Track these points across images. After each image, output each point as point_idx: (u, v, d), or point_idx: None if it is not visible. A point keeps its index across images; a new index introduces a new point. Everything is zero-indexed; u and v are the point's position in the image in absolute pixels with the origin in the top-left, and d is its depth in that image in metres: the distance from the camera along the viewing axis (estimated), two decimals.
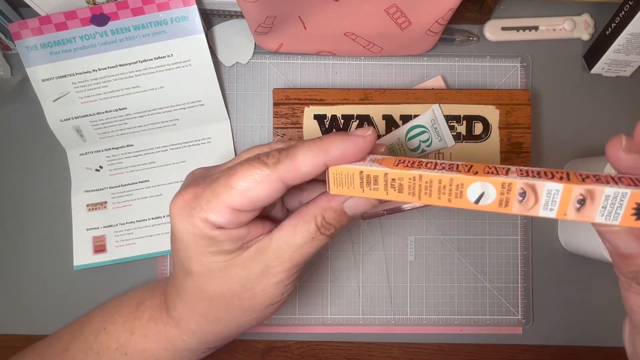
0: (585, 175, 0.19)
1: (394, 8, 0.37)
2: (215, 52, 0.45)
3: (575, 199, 0.19)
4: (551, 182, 0.19)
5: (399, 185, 0.22)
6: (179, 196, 0.26)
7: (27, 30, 0.41)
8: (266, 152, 0.26)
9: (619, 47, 0.42)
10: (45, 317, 0.44)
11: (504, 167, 0.21)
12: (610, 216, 0.18)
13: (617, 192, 0.18)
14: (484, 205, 0.20)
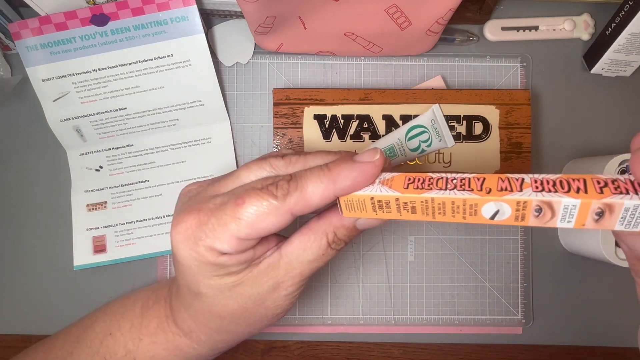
0: (603, 183, 0.18)
1: (394, 8, 0.37)
2: (215, 52, 0.45)
3: (594, 212, 0.18)
4: (568, 198, 0.18)
5: (411, 207, 0.22)
6: (180, 223, 0.26)
7: (27, 30, 0.41)
8: (274, 181, 0.25)
9: (619, 47, 0.42)
10: (45, 317, 0.44)
11: (518, 177, 0.20)
12: (630, 225, 0.18)
13: (637, 205, 0.17)
14: (500, 221, 0.20)
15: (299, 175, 0.25)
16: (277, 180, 0.25)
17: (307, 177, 0.25)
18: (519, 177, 0.20)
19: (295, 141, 0.42)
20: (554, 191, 0.19)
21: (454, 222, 0.21)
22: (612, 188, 0.18)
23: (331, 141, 0.42)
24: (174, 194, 0.44)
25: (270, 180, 0.25)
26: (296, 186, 0.24)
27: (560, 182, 0.19)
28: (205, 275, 0.26)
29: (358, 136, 0.42)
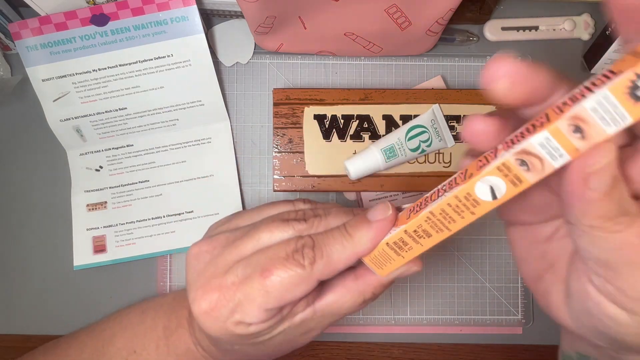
0: (561, 104, 0.17)
1: (394, 8, 0.37)
2: (215, 52, 0.45)
3: (571, 132, 0.16)
4: (536, 135, 0.17)
5: (423, 232, 0.22)
6: (202, 300, 0.26)
7: (27, 30, 0.41)
8: (297, 248, 0.25)
9: (619, 47, 0.42)
10: (45, 317, 0.44)
11: (492, 149, 0.19)
12: (617, 119, 0.16)
13: (599, 99, 0.15)
14: (505, 195, 0.19)
15: (323, 241, 0.26)
16: (301, 247, 0.25)
17: (330, 243, 0.25)
18: (492, 149, 0.19)
19: (295, 141, 0.42)
20: (522, 139, 0.17)
21: (471, 223, 0.21)
22: (570, 102, 0.17)
23: (331, 141, 0.42)
24: (174, 194, 0.44)
25: (292, 245, 0.25)
26: (321, 253, 0.25)
27: (526, 129, 0.18)
28: (234, 340, 0.27)
29: (358, 136, 0.42)
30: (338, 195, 0.45)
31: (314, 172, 0.42)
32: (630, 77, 0.15)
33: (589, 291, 0.20)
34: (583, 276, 0.20)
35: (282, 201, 0.31)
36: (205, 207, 0.44)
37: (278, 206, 0.30)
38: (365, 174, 0.40)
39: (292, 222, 0.27)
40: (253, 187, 0.45)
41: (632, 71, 0.14)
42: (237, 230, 0.28)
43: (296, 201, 0.31)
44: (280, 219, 0.28)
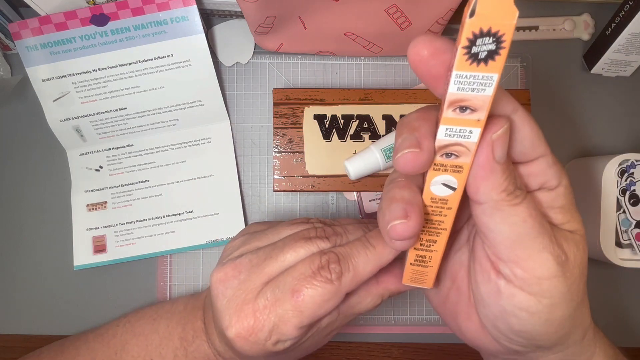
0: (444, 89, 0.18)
1: (394, 8, 0.37)
2: (215, 52, 0.45)
3: (460, 113, 0.18)
4: (438, 133, 0.19)
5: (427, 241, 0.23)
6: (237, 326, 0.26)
7: (27, 30, 0.41)
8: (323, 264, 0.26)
9: (619, 47, 0.42)
10: (45, 317, 0.44)
11: None
12: (484, 82, 0.17)
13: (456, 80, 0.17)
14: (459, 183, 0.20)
15: (347, 254, 0.26)
16: (326, 263, 0.26)
17: (355, 256, 0.26)
18: None
19: (295, 141, 0.42)
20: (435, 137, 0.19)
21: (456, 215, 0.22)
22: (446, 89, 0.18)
23: (331, 141, 0.42)
24: (174, 194, 0.44)
25: (317, 261, 0.26)
26: (348, 266, 0.26)
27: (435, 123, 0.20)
28: (272, 356, 0.28)
29: (358, 136, 0.42)
30: (338, 195, 0.45)
31: (314, 172, 0.42)
32: (461, 50, 0.16)
33: (499, 287, 0.22)
34: (491, 273, 0.22)
35: (298, 220, 0.31)
36: (205, 207, 0.44)
37: (295, 225, 0.30)
38: (365, 174, 0.40)
39: (315, 239, 0.28)
40: (253, 187, 0.45)
41: (459, 45, 0.16)
42: (259, 251, 0.28)
43: (311, 219, 0.31)
44: (303, 237, 0.28)
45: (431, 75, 0.19)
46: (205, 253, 0.45)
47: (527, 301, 0.21)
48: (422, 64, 0.19)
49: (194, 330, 0.35)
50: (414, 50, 0.18)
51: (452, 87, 0.17)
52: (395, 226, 0.21)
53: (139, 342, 0.36)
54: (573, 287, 0.21)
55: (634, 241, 0.39)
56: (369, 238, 0.27)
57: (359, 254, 0.26)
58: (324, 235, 0.28)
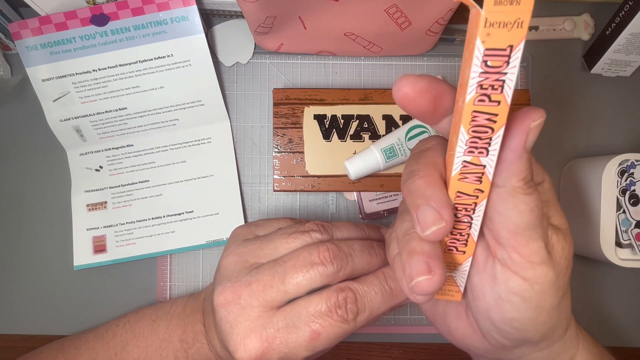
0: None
1: (394, 8, 0.37)
2: (215, 52, 0.45)
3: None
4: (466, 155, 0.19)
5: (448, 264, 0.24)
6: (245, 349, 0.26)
7: (27, 30, 0.41)
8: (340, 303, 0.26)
9: (619, 47, 0.42)
10: (45, 317, 0.44)
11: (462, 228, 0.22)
12: None
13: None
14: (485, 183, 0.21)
15: (364, 295, 0.27)
16: (343, 302, 0.26)
17: (372, 297, 0.27)
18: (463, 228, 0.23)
19: (295, 141, 0.42)
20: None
21: None
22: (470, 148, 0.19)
23: (331, 141, 0.42)
24: (174, 194, 0.44)
25: (333, 299, 0.26)
26: (364, 307, 0.26)
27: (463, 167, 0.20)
28: None
29: (358, 136, 0.42)
30: (338, 195, 0.45)
31: (314, 172, 0.42)
32: None
33: (495, 272, 0.23)
34: (487, 261, 0.23)
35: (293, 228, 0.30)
36: (205, 207, 0.44)
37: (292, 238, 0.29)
38: (365, 174, 0.40)
39: (317, 266, 0.27)
40: (253, 187, 0.45)
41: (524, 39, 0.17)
42: (259, 273, 0.28)
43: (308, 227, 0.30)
44: (306, 262, 0.27)
45: (419, 112, 0.20)
46: (205, 253, 0.45)
47: (520, 285, 0.22)
48: (410, 103, 0.20)
49: (194, 333, 0.35)
50: (400, 94, 0.20)
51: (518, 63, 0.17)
52: (419, 283, 0.21)
53: (139, 343, 0.36)
54: (560, 276, 0.23)
55: (634, 241, 0.39)
56: (387, 278, 0.27)
57: (375, 294, 0.26)
58: (329, 258, 0.27)
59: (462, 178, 0.20)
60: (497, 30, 0.16)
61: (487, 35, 0.16)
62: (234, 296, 0.27)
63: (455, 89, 0.21)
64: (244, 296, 0.27)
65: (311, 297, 0.26)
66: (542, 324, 0.24)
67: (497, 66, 0.17)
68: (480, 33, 0.16)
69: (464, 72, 0.18)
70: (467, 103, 0.18)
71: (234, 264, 0.29)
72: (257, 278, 0.27)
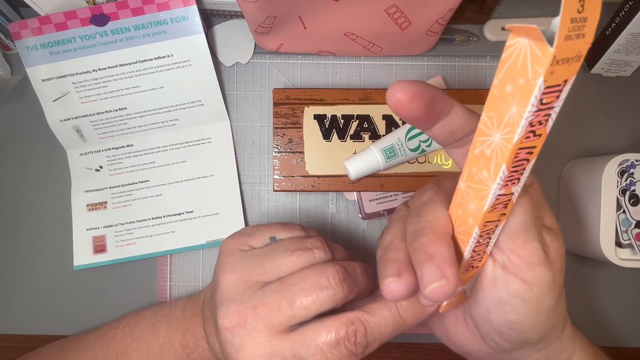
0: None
1: (394, 8, 0.37)
2: (215, 52, 0.45)
3: None
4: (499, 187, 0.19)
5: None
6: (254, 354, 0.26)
7: (27, 30, 0.41)
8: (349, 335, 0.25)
9: (619, 47, 0.42)
10: (45, 317, 0.44)
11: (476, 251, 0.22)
12: None
13: None
14: None
15: (375, 325, 0.26)
16: (353, 335, 0.25)
17: (383, 331, 0.26)
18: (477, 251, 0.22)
19: (295, 141, 0.42)
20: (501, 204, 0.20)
21: None
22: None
23: (331, 141, 0.42)
24: (174, 194, 0.44)
25: (343, 330, 0.25)
26: (374, 340, 0.26)
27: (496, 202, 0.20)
28: None
29: (358, 136, 0.42)
30: (338, 195, 0.45)
31: (314, 172, 0.42)
32: None
33: (496, 276, 0.23)
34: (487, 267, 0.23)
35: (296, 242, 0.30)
36: (205, 207, 0.44)
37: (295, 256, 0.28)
38: (365, 174, 0.40)
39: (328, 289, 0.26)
40: (253, 187, 0.45)
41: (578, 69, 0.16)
42: (264, 295, 0.27)
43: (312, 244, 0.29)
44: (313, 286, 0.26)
45: (412, 116, 0.21)
46: (205, 253, 0.45)
47: (520, 288, 0.22)
48: (404, 108, 0.20)
49: (195, 337, 0.34)
50: (394, 100, 0.20)
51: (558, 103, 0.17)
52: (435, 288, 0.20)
53: (140, 347, 0.36)
54: (556, 277, 0.23)
55: (634, 241, 0.39)
56: (399, 311, 0.26)
57: (387, 326, 0.26)
58: (338, 281, 0.27)
59: (492, 210, 0.20)
60: (559, 67, 0.15)
61: (550, 74, 0.15)
62: (239, 320, 0.26)
63: (446, 94, 0.22)
64: (250, 320, 0.26)
65: (320, 327, 0.25)
66: (541, 325, 0.24)
67: (549, 102, 0.16)
68: (545, 72, 0.15)
69: (500, 105, 0.17)
70: (514, 143, 0.17)
71: (236, 282, 0.28)
72: (263, 301, 0.26)
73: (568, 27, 0.14)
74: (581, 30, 0.14)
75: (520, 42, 0.15)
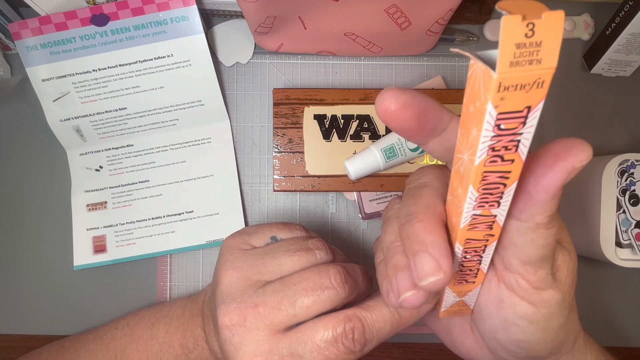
0: None
1: (394, 8, 0.37)
2: (215, 52, 0.45)
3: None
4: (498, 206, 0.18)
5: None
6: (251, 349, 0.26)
7: (27, 30, 0.41)
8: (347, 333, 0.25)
9: (619, 47, 0.42)
10: (45, 317, 0.44)
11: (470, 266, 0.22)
12: None
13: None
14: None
15: (373, 322, 0.26)
16: (351, 332, 0.25)
17: (381, 328, 0.26)
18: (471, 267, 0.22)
19: (295, 141, 0.42)
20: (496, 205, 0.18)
21: None
22: None
23: (331, 141, 0.42)
24: (174, 194, 0.44)
25: (340, 327, 0.25)
26: (372, 337, 0.26)
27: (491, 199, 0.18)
28: None
29: (358, 136, 0.42)
30: (338, 195, 0.45)
31: (314, 172, 0.42)
32: None
33: (502, 296, 0.22)
34: (492, 284, 0.22)
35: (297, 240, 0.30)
36: (205, 207, 0.44)
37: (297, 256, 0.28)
38: (365, 174, 0.40)
39: (329, 289, 0.26)
40: (253, 187, 0.45)
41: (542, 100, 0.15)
42: (265, 294, 0.27)
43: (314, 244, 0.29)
44: (314, 286, 0.26)
45: (402, 128, 0.19)
46: (205, 253, 0.45)
47: (527, 310, 0.21)
48: (392, 117, 0.19)
49: (194, 337, 0.34)
50: (381, 107, 0.19)
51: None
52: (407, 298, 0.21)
53: (139, 347, 0.36)
54: (566, 296, 0.22)
55: (634, 241, 0.39)
56: (399, 310, 0.26)
57: (385, 323, 0.26)
58: (340, 282, 0.27)
59: (471, 228, 0.19)
60: (512, 94, 0.14)
61: (500, 100, 0.14)
62: (239, 318, 0.26)
63: (442, 106, 0.20)
64: (250, 318, 0.26)
65: (317, 325, 0.25)
66: (550, 342, 0.23)
67: (511, 128, 0.15)
68: (493, 98, 0.14)
69: (467, 125, 0.17)
70: (476, 166, 0.16)
71: (237, 280, 0.28)
72: (264, 300, 0.26)
73: (513, 52, 0.13)
74: (535, 56, 0.13)
75: (477, 64, 0.15)
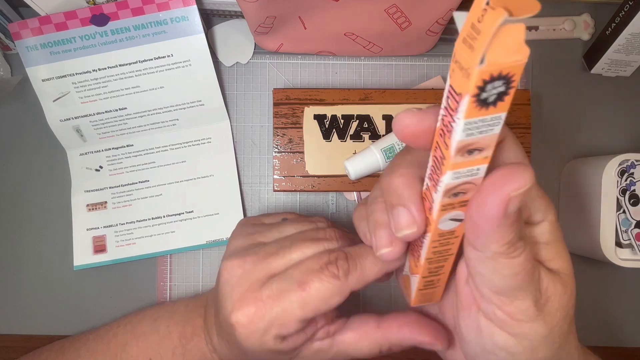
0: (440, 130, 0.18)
1: (394, 8, 0.37)
2: (215, 52, 0.45)
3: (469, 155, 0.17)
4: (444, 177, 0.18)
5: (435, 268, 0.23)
6: (240, 312, 0.26)
7: (27, 30, 0.41)
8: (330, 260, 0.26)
9: (619, 47, 0.42)
10: (45, 317, 0.44)
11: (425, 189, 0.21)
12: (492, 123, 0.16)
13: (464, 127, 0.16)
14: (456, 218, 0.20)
15: (356, 254, 0.27)
16: (334, 259, 0.26)
17: (363, 256, 0.26)
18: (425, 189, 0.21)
19: (295, 141, 0.42)
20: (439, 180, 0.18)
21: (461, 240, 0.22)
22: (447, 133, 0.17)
23: (331, 141, 0.42)
24: (174, 194, 0.44)
25: (325, 258, 0.26)
26: (355, 265, 0.26)
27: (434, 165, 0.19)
28: (264, 356, 0.28)
29: (358, 136, 0.42)
30: (338, 195, 0.45)
31: (314, 172, 0.42)
32: (470, 99, 0.15)
33: (479, 324, 0.21)
34: (472, 309, 0.22)
35: (300, 219, 0.32)
36: (205, 207, 0.44)
37: (300, 225, 0.31)
38: (365, 174, 0.40)
39: (323, 241, 0.28)
40: (253, 187, 0.45)
41: (468, 94, 0.15)
42: (266, 246, 0.29)
43: (315, 219, 0.32)
44: (310, 238, 0.29)
45: (421, 145, 0.19)
46: (205, 253, 0.45)
47: (506, 341, 0.20)
48: (410, 137, 0.19)
49: (193, 328, 0.35)
50: (399, 126, 0.19)
51: (460, 134, 0.16)
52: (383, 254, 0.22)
53: (139, 342, 0.36)
54: (555, 330, 0.20)
55: (634, 241, 0.39)
56: None
57: (367, 254, 0.26)
58: (333, 236, 0.29)
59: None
60: (458, 73, 0.15)
61: (452, 71, 0.15)
62: (239, 261, 0.28)
63: None
64: (249, 261, 0.28)
65: (304, 260, 0.27)
66: None
67: (452, 108, 0.16)
68: (451, 63, 0.15)
69: None
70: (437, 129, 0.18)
71: (242, 241, 0.31)
72: (264, 249, 0.29)
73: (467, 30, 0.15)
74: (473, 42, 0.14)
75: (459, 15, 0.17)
